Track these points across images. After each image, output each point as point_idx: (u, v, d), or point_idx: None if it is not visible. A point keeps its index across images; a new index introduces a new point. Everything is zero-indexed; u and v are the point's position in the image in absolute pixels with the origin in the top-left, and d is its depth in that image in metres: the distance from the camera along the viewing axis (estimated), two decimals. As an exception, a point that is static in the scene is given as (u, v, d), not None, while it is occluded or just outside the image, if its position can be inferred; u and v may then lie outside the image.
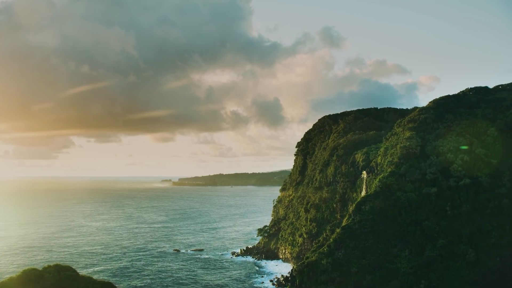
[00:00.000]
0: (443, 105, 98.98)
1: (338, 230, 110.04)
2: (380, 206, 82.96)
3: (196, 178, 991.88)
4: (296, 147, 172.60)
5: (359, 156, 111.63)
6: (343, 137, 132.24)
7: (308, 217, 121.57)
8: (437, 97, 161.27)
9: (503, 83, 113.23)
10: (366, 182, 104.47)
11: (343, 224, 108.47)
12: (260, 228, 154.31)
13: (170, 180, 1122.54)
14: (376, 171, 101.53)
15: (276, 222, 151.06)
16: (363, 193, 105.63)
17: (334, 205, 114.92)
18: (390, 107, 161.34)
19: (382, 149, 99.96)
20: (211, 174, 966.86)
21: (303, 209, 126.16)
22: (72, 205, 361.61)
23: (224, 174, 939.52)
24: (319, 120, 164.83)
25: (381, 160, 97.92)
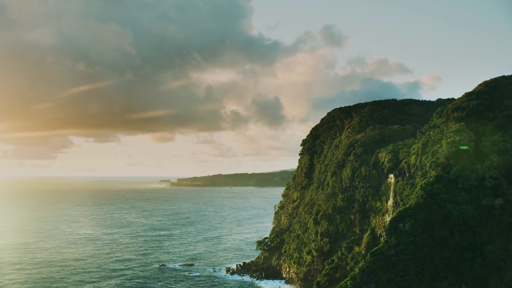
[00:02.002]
0: (497, 88, 76.25)
1: (357, 248, 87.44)
2: (425, 223, 60.37)
3: (195, 178, 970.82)
4: (301, 145, 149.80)
5: (383, 156, 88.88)
6: (359, 132, 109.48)
7: (319, 230, 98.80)
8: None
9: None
10: (394, 189, 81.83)
11: (364, 241, 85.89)
12: (259, 240, 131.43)
13: (168, 180, 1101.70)
14: (408, 175, 78.91)
15: (278, 233, 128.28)
16: (390, 202, 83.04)
17: (352, 217, 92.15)
18: (412, 99, 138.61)
19: (416, 146, 77.27)
20: (211, 174, 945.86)
21: (311, 220, 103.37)
22: (63, 208, 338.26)
23: (223, 174, 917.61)
24: (328, 114, 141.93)
25: (417, 161, 75.26)
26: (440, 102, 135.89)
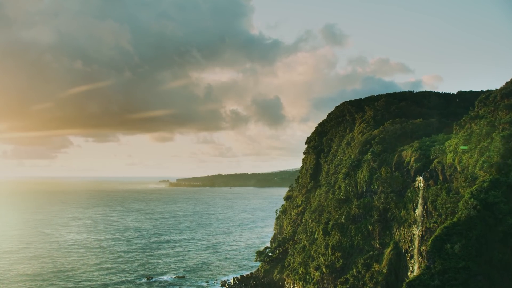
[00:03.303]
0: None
1: (377, 266, 72.46)
2: (479, 243, 45.39)
3: (194, 178, 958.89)
4: (306, 143, 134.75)
5: (408, 154, 73.85)
6: (375, 127, 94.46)
7: (329, 242, 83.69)
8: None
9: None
10: (424, 195, 66.81)
11: (386, 258, 71.00)
12: (259, 251, 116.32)
13: (167, 180, 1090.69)
14: (441, 178, 63.90)
15: (280, 242, 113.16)
16: (419, 211, 67.99)
17: (370, 227, 77.07)
18: (430, 91, 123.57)
19: (454, 142, 62.23)
20: (210, 174, 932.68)
21: (320, 230, 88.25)
22: (55, 211, 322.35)
23: (223, 174, 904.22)
24: (336, 108, 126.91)
25: (455, 160, 60.22)
26: (461, 94, 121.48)
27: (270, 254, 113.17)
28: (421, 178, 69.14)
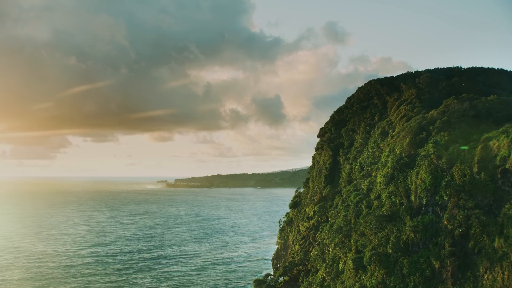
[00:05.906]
0: None
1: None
2: None
3: (192, 179, 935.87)
4: (318, 136, 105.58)
5: (503, 145, 45.06)
6: (425, 109, 65.44)
7: (366, 282, 54.65)
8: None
9: None
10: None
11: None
12: (258, 279, 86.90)
13: (165, 181, 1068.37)
14: None
15: (287, 268, 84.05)
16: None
17: (436, 264, 48.03)
18: (482, 67, 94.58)
19: None
20: (210, 174, 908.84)
21: (350, 261, 59.19)
22: (40, 215, 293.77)
23: (222, 174, 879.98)
24: (359, 89, 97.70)
25: None
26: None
27: (272, 284, 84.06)
28: (535, 185, 40.40)
